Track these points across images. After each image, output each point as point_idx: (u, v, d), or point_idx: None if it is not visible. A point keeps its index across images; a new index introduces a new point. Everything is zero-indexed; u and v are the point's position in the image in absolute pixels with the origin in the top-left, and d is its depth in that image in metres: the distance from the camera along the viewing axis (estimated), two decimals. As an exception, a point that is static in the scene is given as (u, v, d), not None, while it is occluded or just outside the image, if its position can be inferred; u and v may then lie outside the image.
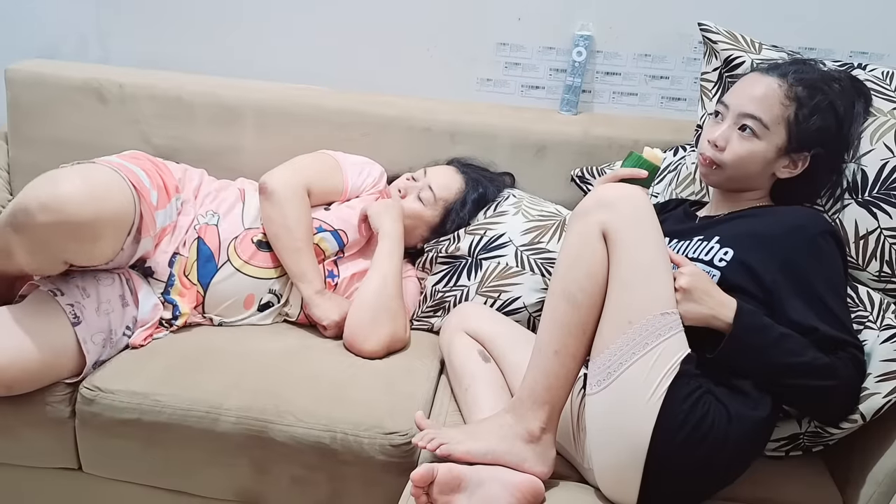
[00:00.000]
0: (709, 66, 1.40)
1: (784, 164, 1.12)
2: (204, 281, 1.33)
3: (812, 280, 1.03)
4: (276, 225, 1.34)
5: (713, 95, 1.38)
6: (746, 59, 1.32)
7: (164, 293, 1.32)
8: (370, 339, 1.28)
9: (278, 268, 1.37)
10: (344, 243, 1.42)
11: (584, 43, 1.59)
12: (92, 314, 1.20)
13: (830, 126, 1.11)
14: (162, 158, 1.61)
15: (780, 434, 1.12)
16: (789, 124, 1.09)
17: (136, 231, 1.20)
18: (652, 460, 0.93)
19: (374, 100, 1.62)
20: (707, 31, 1.38)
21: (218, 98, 1.61)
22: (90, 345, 1.18)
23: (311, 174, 1.41)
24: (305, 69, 1.70)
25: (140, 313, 1.26)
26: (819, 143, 1.11)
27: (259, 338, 1.33)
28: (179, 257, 1.33)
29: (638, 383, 0.93)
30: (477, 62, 1.66)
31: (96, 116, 1.60)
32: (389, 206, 1.41)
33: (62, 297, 1.19)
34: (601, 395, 0.96)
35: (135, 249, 1.24)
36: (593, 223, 0.97)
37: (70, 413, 1.19)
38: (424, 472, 0.94)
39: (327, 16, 1.67)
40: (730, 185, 1.15)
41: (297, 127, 1.60)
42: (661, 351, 0.93)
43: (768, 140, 1.10)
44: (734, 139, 1.11)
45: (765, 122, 1.09)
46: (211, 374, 1.21)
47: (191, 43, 1.74)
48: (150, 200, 1.25)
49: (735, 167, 1.11)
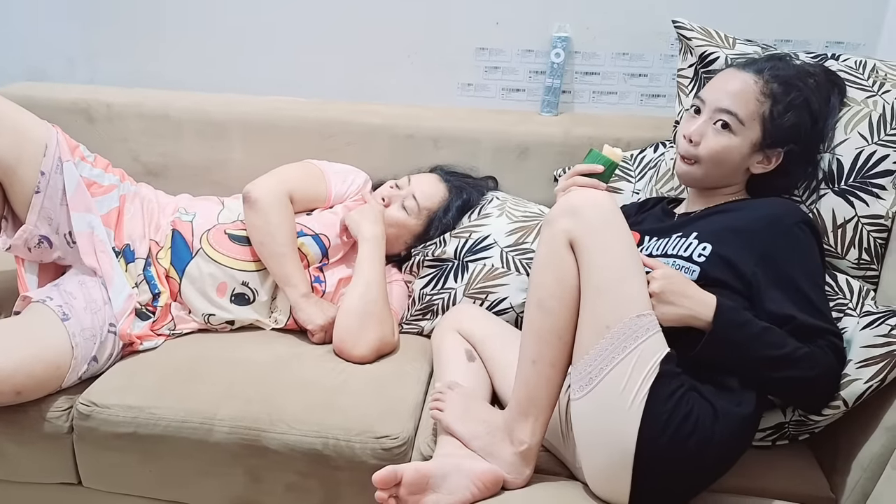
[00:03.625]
0: (684, 63, 1.42)
1: (758, 160, 1.13)
2: (179, 267, 1.38)
3: (790, 270, 1.04)
4: (260, 232, 1.37)
5: (689, 91, 1.40)
6: (721, 55, 1.34)
7: (144, 270, 1.37)
8: (359, 345, 1.30)
9: (254, 262, 1.39)
10: (326, 247, 1.45)
11: (561, 44, 1.61)
12: (80, 311, 1.25)
13: (805, 122, 1.12)
14: (151, 175, 1.65)
15: (765, 424, 1.13)
16: (764, 120, 1.10)
17: (53, 155, 1.29)
18: (640, 461, 0.93)
19: (357, 109, 1.65)
20: (681, 27, 1.40)
21: (204, 114, 1.64)
22: (79, 339, 1.21)
23: (294, 182, 1.44)
24: (288, 82, 1.73)
25: (115, 307, 1.30)
26: (793, 139, 1.12)
27: (250, 346, 1.35)
28: (153, 243, 1.39)
29: (619, 387, 0.93)
30: (457, 67, 1.68)
31: (85, 136, 1.61)
32: (366, 211, 1.43)
33: (52, 301, 1.24)
34: (584, 400, 0.96)
35: (60, 181, 1.30)
36: (559, 231, 0.98)
37: (68, 428, 1.22)
38: (386, 474, 0.96)
39: (307, 28, 1.70)
40: (706, 183, 1.16)
41: (282, 139, 1.63)
42: (640, 353, 0.94)
43: (743, 135, 1.11)
44: (710, 134, 1.12)
45: (740, 117, 1.10)
46: (203, 384, 1.23)
47: (174, 60, 1.76)
48: (72, 142, 1.37)
49: (710, 161, 1.12)
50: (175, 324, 1.38)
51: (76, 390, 1.23)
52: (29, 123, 1.32)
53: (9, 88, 1.70)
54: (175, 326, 1.38)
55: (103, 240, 1.35)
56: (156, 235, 1.41)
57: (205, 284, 1.38)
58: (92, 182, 1.38)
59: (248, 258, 1.40)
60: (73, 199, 1.32)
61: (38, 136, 1.31)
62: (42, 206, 1.30)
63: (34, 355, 1.17)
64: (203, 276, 1.38)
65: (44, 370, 1.18)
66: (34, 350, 1.17)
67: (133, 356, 1.31)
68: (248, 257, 1.40)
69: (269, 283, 1.41)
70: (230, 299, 1.39)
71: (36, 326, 1.21)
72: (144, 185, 1.53)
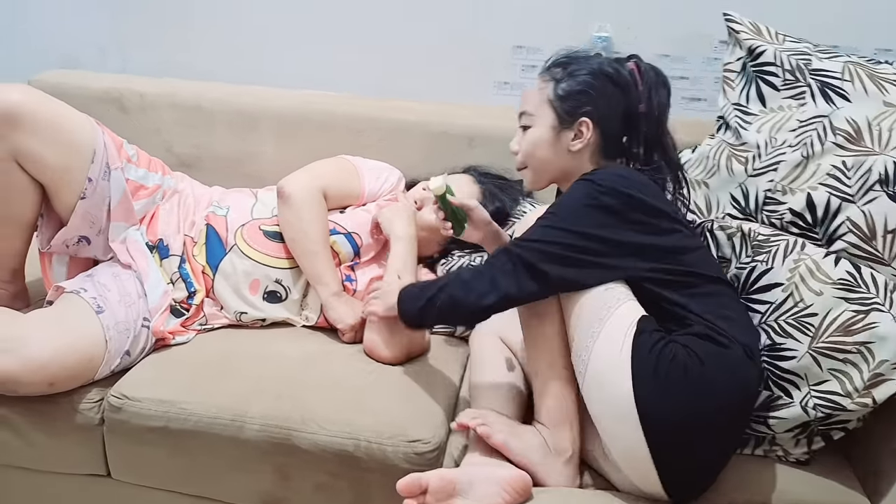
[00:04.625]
0: (732, 57, 1.37)
1: (570, 138, 1.13)
2: (213, 263, 1.37)
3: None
4: (293, 228, 1.36)
5: (736, 86, 1.35)
6: (769, 49, 1.30)
7: (180, 268, 1.35)
8: (389, 346, 1.29)
9: (287, 260, 1.38)
10: (358, 246, 1.43)
11: (601, 44, 1.58)
12: (115, 304, 1.24)
13: (592, 82, 1.12)
14: (185, 167, 1.64)
15: (790, 424, 1.10)
16: (551, 101, 1.14)
17: (101, 161, 1.27)
18: (645, 418, 0.94)
19: (390, 105, 1.63)
20: (731, 20, 1.37)
21: (237, 106, 1.63)
22: (112, 332, 1.21)
23: (329, 178, 1.43)
24: (321, 76, 1.72)
25: (150, 302, 1.29)
26: (588, 101, 1.12)
27: (280, 343, 1.34)
28: (188, 239, 1.38)
29: (606, 353, 0.97)
30: (493, 65, 1.66)
31: (118, 126, 1.60)
32: (399, 210, 1.41)
33: (86, 292, 1.24)
34: (585, 382, 1.00)
35: (107, 189, 1.29)
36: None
37: (99, 420, 1.21)
38: (410, 481, 0.96)
39: (342, 23, 1.68)
40: (544, 180, 1.20)
41: (314, 133, 1.61)
42: (616, 318, 0.98)
43: (539, 123, 1.15)
44: (521, 140, 1.19)
45: (529, 111, 1.16)
46: (234, 379, 1.23)
47: (205, 51, 1.76)
48: (117, 140, 1.34)
49: (529, 160, 1.17)
50: (206, 319, 1.37)
51: (108, 382, 1.23)
52: (77, 127, 1.28)
53: (41, 76, 1.70)
54: (206, 322, 1.37)
55: (136, 239, 1.35)
56: (190, 231, 1.40)
57: (238, 281, 1.37)
58: (138, 186, 1.37)
59: (282, 255, 1.39)
60: (116, 211, 1.32)
61: (86, 140, 1.27)
62: (86, 211, 1.30)
63: (68, 346, 1.17)
64: (237, 273, 1.37)
65: (77, 362, 1.18)
66: (68, 341, 1.17)
67: (164, 350, 1.31)
68: (282, 254, 1.39)
69: (302, 281, 1.40)
70: (262, 297, 1.38)
71: (70, 318, 1.21)
72: (182, 177, 1.51)
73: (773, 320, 1.13)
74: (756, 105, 1.31)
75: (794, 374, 1.10)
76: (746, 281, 1.18)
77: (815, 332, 1.09)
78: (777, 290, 1.13)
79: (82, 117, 1.30)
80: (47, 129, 1.22)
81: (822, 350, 1.08)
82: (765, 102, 1.30)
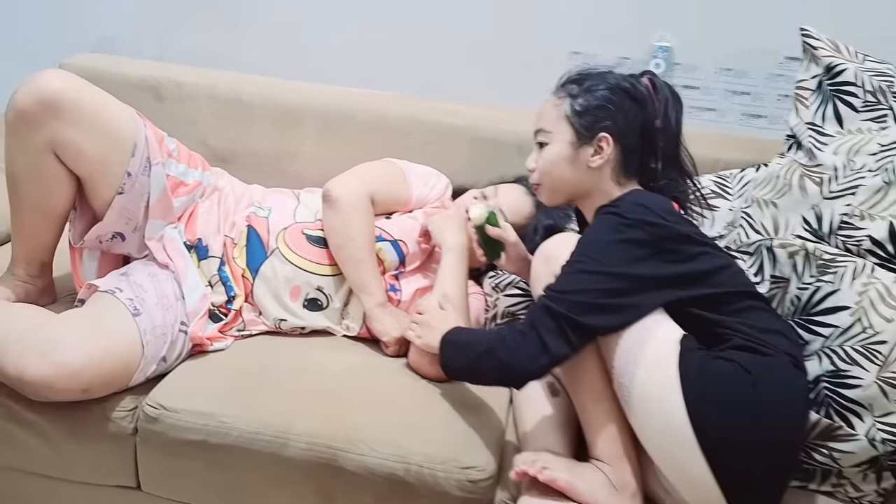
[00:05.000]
0: (807, 74, 1.32)
1: (590, 154, 1.10)
2: (253, 266, 1.31)
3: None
4: (339, 234, 1.30)
5: (810, 104, 1.30)
6: (850, 68, 1.25)
7: (220, 270, 1.29)
8: (435, 368, 1.23)
9: (330, 267, 1.33)
10: (404, 255, 1.37)
11: (662, 54, 1.52)
12: (152, 307, 1.18)
13: (610, 96, 1.10)
14: (219, 161, 1.57)
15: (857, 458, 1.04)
16: (568, 116, 1.12)
17: (141, 156, 1.20)
18: (703, 441, 0.92)
19: (438, 107, 1.57)
20: (809, 36, 1.31)
21: (279, 101, 1.56)
22: (149, 336, 1.15)
23: (376, 183, 1.37)
24: (368, 73, 1.65)
25: (188, 306, 1.23)
26: (607, 116, 1.10)
27: (321, 353, 1.28)
28: (229, 240, 1.32)
29: (652, 377, 0.95)
30: (547, 70, 1.59)
31: (152, 115, 1.52)
32: (451, 218, 1.34)
33: (122, 293, 1.18)
34: (632, 410, 0.98)
35: (146, 184, 1.23)
36: (549, 278, 1.02)
37: (132, 430, 1.15)
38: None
39: (391, 18, 1.61)
40: (560, 198, 1.17)
41: (359, 133, 1.55)
42: (657, 341, 0.96)
43: (557, 140, 1.12)
44: (538, 158, 1.15)
45: (546, 128, 1.13)
46: (275, 392, 1.17)
47: (248, 43, 1.69)
48: (158, 133, 1.27)
49: (547, 177, 1.14)
50: (245, 325, 1.31)
51: (142, 390, 1.17)
52: (119, 119, 1.21)
53: (74, 59, 1.63)
54: (244, 327, 1.31)
55: (174, 238, 1.28)
56: (231, 232, 1.34)
57: (278, 287, 1.31)
58: (178, 183, 1.30)
59: (324, 261, 1.33)
60: (154, 208, 1.26)
61: (127, 133, 1.21)
62: (123, 207, 1.23)
63: (103, 351, 1.10)
64: (277, 278, 1.31)
65: (112, 368, 1.11)
66: (103, 345, 1.10)
67: (201, 356, 1.25)
68: (324, 260, 1.33)
69: (344, 289, 1.33)
70: (303, 304, 1.32)
71: (105, 320, 1.14)
72: (221, 173, 1.45)
73: (838, 345, 1.08)
74: (832, 126, 1.26)
75: (859, 403, 1.05)
76: (809, 301, 1.13)
77: (884, 361, 1.03)
78: (844, 314, 1.08)
79: (125, 108, 1.24)
80: (88, 120, 1.16)
81: (891, 380, 1.03)
82: (842, 123, 1.25)
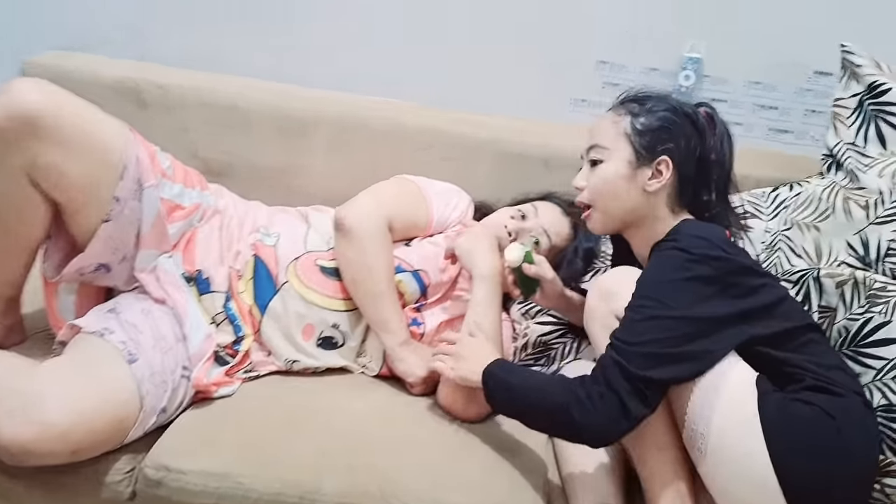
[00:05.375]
0: (846, 92, 1.28)
1: (648, 177, 1.04)
2: (261, 303, 1.16)
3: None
4: (356, 266, 1.17)
5: (851, 124, 1.26)
6: (894, 87, 1.21)
7: (226, 307, 1.14)
8: (471, 407, 1.11)
9: (345, 301, 1.19)
10: (426, 285, 1.24)
11: (692, 66, 1.45)
12: (149, 350, 1.02)
13: (673, 118, 1.06)
14: (213, 175, 1.40)
15: None
16: (628, 135, 1.06)
17: (132, 178, 1.05)
18: (786, 484, 0.89)
19: (459, 118, 1.45)
20: (850, 53, 1.27)
21: (282, 108, 1.42)
22: (147, 385, 0.99)
23: (394, 206, 1.23)
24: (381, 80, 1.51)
25: (191, 348, 1.08)
26: (669, 138, 1.05)
27: (340, 394, 1.15)
28: (233, 272, 1.16)
29: (731, 422, 0.92)
30: (573, 80, 1.50)
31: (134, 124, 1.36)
32: (479, 240, 1.21)
33: (112, 335, 1.02)
34: (708, 457, 0.93)
35: (138, 210, 1.07)
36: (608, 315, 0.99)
37: (130, 495, 0.99)
38: None
39: (407, 20, 1.48)
40: (616, 224, 1.09)
41: (372, 145, 1.42)
42: (733, 385, 0.93)
43: (614, 158, 1.06)
44: (590, 175, 1.09)
45: (603, 144, 1.07)
46: (295, 444, 1.03)
47: (242, 43, 1.53)
48: (151, 149, 1.13)
49: (600, 198, 1.07)
50: (253, 365, 1.16)
51: (140, 446, 1.01)
52: (107, 136, 1.05)
53: (39, 58, 1.44)
54: (252, 368, 1.16)
55: (169, 269, 1.12)
56: (235, 262, 1.18)
57: (290, 325, 1.16)
58: (173, 206, 1.14)
59: (340, 296, 1.19)
60: (147, 236, 1.10)
61: (116, 152, 1.05)
62: (110, 236, 1.06)
63: (95, 408, 0.94)
64: (288, 315, 1.16)
65: (106, 425, 0.95)
66: (95, 401, 0.94)
67: (205, 403, 1.09)
68: (340, 294, 1.19)
69: (362, 325, 1.20)
70: (316, 343, 1.18)
71: (96, 369, 0.98)
72: (220, 191, 1.28)
73: (891, 378, 1.02)
74: (875, 147, 1.23)
75: None
76: (858, 333, 1.08)
77: None
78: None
79: (112, 123, 1.08)
80: (71, 139, 0.99)
81: None
82: (885, 144, 1.22)
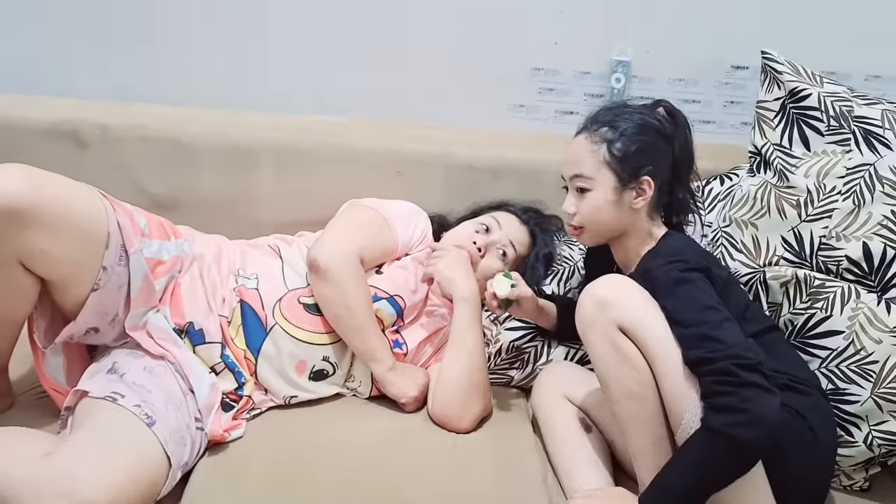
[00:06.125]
0: (769, 95, 1.37)
1: (633, 197, 1.14)
2: (254, 346, 1.20)
3: (673, 316, 1.03)
4: (336, 305, 1.22)
5: (776, 126, 1.35)
6: (814, 93, 1.31)
7: (223, 356, 1.17)
8: (464, 420, 1.21)
9: (330, 334, 1.24)
10: (401, 308, 1.31)
11: (622, 69, 1.53)
12: (163, 410, 1.04)
13: (646, 139, 1.13)
14: (161, 209, 1.38)
15: (857, 460, 1.19)
16: (609, 163, 1.13)
17: (117, 245, 1.06)
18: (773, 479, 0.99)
19: (406, 133, 1.47)
20: (770, 59, 1.36)
21: (226, 137, 1.40)
22: (171, 445, 1.01)
23: (361, 240, 1.27)
24: (317, 97, 1.51)
25: (199, 400, 1.10)
26: (646, 161, 1.13)
27: (341, 425, 1.20)
28: (222, 320, 1.19)
29: None
30: (510, 87, 1.55)
31: (77, 166, 1.30)
32: (456, 263, 1.28)
33: (124, 399, 1.02)
34: None
35: (125, 275, 1.08)
36: (607, 324, 1.02)
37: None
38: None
39: (341, 34, 1.47)
40: (602, 238, 1.18)
41: (320, 168, 1.43)
42: None
43: (600, 187, 1.13)
44: (579, 203, 1.15)
45: (586, 174, 1.14)
46: (314, 482, 1.06)
47: (174, 71, 1.46)
48: (127, 211, 1.13)
49: (591, 223, 1.15)
50: (254, 404, 1.20)
51: (167, 500, 1.02)
52: (88, 210, 1.04)
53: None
54: (254, 407, 1.20)
55: (160, 325, 1.12)
56: (222, 309, 1.19)
57: (283, 364, 1.20)
58: (156, 263, 1.13)
59: (324, 329, 1.24)
60: (136, 298, 1.09)
61: (99, 224, 1.04)
62: (100, 303, 1.05)
63: (128, 476, 0.94)
64: (281, 355, 1.20)
65: (144, 491, 0.96)
66: (126, 469, 0.94)
67: (220, 449, 1.12)
68: (324, 329, 1.24)
69: (349, 354, 1.26)
70: (309, 377, 1.23)
71: (119, 437, 0.98)
72: (191, 234, 1.27)
73: (835, 366, 1.20)
74: (799, 148, 1.33)
75: (857, 416, 1.19)
76: (804, 326, 1.25)
77: (876, 379, 1.18)
78: (838, 338, 1.21)
79: (89, 194, 1.06)
80: (56, 222, 0.98)
81: (884, 395, 1.17)
82: (808, 146, 1.32)
